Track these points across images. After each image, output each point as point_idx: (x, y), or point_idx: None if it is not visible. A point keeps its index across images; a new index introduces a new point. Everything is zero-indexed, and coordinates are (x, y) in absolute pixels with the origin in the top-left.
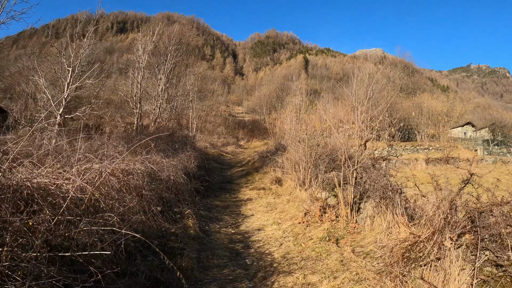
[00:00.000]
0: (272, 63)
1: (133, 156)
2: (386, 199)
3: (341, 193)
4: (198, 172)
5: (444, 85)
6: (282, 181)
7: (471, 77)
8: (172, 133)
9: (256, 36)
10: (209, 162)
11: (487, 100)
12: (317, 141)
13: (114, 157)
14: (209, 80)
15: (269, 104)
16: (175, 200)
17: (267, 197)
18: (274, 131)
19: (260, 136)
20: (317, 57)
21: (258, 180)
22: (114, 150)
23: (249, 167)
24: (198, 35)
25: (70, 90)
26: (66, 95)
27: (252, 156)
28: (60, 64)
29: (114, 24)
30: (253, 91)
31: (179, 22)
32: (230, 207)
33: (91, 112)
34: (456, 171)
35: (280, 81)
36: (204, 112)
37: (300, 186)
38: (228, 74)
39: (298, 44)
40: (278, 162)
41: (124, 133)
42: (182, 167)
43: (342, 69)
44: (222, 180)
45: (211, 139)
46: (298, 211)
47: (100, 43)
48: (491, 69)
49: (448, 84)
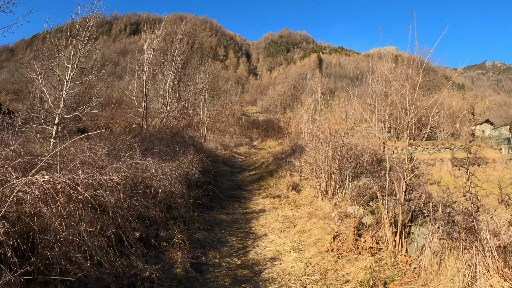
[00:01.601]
0: (285, 62)
1: (117, 161)
2: (465, 230)
3: (385, 212)
4: (202, 178)
5: (460, 83)
6: (300, 187)
7: (486, 74)
8: (176, 133)
9: (270, 36)
10: (218, 165)
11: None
12: (342, 141)
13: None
14: (222, 80)
15: (283, 103)
16: (165, 219)
17: (283, 208)
18: (289, 130)
19: (275, 136)
20: (331, 56)
21: (272, 186)
22: (85, 155)
23: (263, 170)
24: (211, 36)
25: (69, 89)
26: (65, 94)
27: (266, 158)
28: (58, 60)
29: (127, 25)
30: (267, 91)
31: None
32: (238, 222)
33: (91, 111)
34: (492, 172)
35: (294, 80)
36: (216, 112)
37: (322, 194)
38: (242, 74)
39: (312, 43)
40: (295, 165)
41: (117, 134)
42: (181, 173)
43: (356, 68)
44: (232, 186)
45: (223, 140)
46: (324, 232)
47: (113, 44)
48: (507, 66)
49: (463, 82)
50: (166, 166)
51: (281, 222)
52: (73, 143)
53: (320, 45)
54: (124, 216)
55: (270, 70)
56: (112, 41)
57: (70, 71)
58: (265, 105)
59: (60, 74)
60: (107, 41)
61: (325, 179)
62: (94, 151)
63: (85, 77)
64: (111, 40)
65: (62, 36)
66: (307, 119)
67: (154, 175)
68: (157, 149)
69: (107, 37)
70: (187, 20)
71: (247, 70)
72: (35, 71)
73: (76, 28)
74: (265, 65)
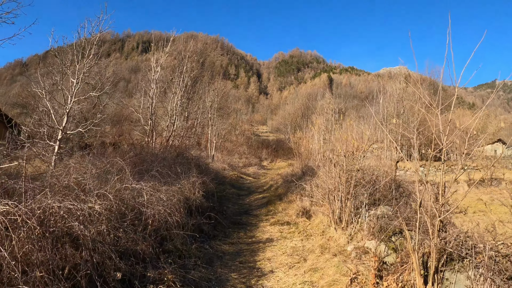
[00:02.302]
0: (296, 82)
1: (105, 184)
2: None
3: (414, 254)
4: (205, 203)
5: (470, 102)
6: (311, 214)
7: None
8: (180, 153)
9: (280, 56)
10: (224, 187)
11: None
12: (358, 164)
13: None
14: (233, 99)
15: (293, 122)
16: (156, 254)
17: (292, 238)
18: (299, 151)
19: (285, 156)
20: (341, 75)
21: (281, 211)
22: (69, 177)
23: (271, 193)
24: (223, 55)
25: (73, 104)
26: (68, 109)
27: (275, 180)
28: (61, 74)
29: (139, 43)
30: (277, 110)
31: (203, 41)
32: (243, 253)
33: (95, 128)
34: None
35: (304, 100)
36: (225, 131)
37: (335, 223)
38: (253, 93)
39: (322, 63)
40: (305, 189)
41: (109, 153)
42: (181, 198)
43: (367, 88)
44: (238, 211)
45: (231, 160)
46: (339, 272)
47: (125, 62)
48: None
49: (474, 100)
50: (164, 191)
51: (290, 255)
52: (61, 163)
53: (331, 65)
54: (104, 253)
55: (281, 89)
56: (124, 59)
57: (75, 86)
58: (275, 124)
59: (65, 89)
60: (119, 58)
61: (339, 206)
62: (82, 172)
63: (92, 92)
64: (123, 58)
65: (68, 50)
66: (318, 139)
67: (147, 201)
68: (156, 171)
69: (120, 54)
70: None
71: (258, 90)
72: (39, 85)
73: (82, 42)
74: (275, 84)
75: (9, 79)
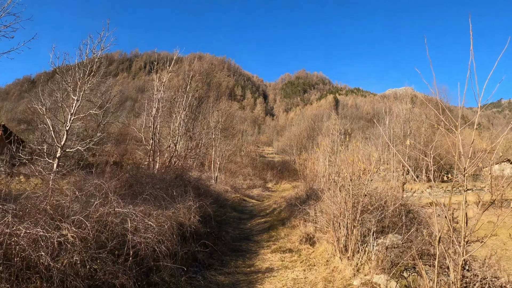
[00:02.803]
0: (302, 103)
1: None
2: None
3: None
4: (202, 228)
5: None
6: (315, 240)
7: (503, 112)
8: (179, 174)
9: (287, 77)
10: (225, 210)
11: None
12: (365, 189)
13: None
14: (239, 120)
15: (299, 144)
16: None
17: (294, 267)
18: (304, 173)
19: (290, 178)
20: (347, 97)
21: (283, 237)
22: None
23: (274, 217)
24: (229, 76)
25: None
26: (68, 126)
27: (279, 203)
28: (61, 91)
29: (147, 63)
30: (283, 132)
31: (210, 61)
32: (239, 286)
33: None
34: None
35: (310, 121)
36: (230, 152)
37: (340, 252)
38: (259, 115)
39: (328, 85)
40: (309, 213)
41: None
42: (175, 224)
43: (373, 109)
44: (238, 237)
45: (234, 181)
46: None
47: (132, 81)
48: None
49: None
50: (155, 215)
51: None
52: (43, 183)
53: (336, 86)
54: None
55: (287, 111)
56: (132, 78)
57: (75, 104)
58: (281, 146)
59: (65, 106)
60: (127, 78)
61: (344, 233)
62: (64, 195)
63: (92, 110)
64: (131, 77)
65: (69, 67)
66: (324, 161)
67: (134, 228)
68: (149, 194)
69: (127, 74)
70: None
71: (264, 111)
72: (40, 101)
73: (84, 61)
74: (281, 105)
75: (17, 95)
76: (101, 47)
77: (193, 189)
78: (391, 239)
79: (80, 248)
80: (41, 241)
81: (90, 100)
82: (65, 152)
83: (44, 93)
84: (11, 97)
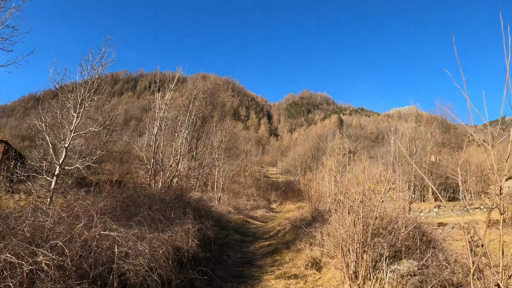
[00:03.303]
0: (306, 124)
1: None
2: None
3: None
4: (201, 253)
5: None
6: (322, 265)
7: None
8: (180, 195)
9: (291, 97)
10: (228, 232)
11: None
12: (376, 211)
13: None
14: (243, 140)
15: (303, 164)
16: None
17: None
18: (309, 193)
19: (294, 198)
20: (351, 116)
21: (288, 261)
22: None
23: (278, 240)
24: (234, 96)
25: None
26: (67, 143)
27: (283, 225)
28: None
29: (151, 83)
30: (287, 152)
31: (214, 81)
32: None
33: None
34: None
35: (315, 141)
36: (233, 172)
37: (350, 279)
38: (263, 135)
39: (332, 105)
40: (315, 236)
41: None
42: (170, 249)
43: (377, 128)
44: (240, 261)
45: (237, 202)
46: None
47: (137, 101)
48: None
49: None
50: (149, 239)
51: None
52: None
53: (341, 106)
54: None
55: (291, 131)
56: (137, 98)
57: (75, 121)
58: (285, 166)
59: (64, 122)
60: (132, 97)
61: (354, 258)
62: (47, 216)
63: (91, 128)
64: (136, 97)
65: (69, 84)
66: (329, 181)
67: (122, 253)
68: (143, 216)
69: (132, 93)
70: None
71: (268, 131)
72: (40, 118)
73: (85, 77)
74: (286, 126)
75: (22, 112)
76: (102, 63)
77: (193, 211)
78: (406, 265)
79: (56, 278)
80: (8, 269)
81: (90, 117)
82: (63, 169)
83: (44, 110)
84: (16, 113)
